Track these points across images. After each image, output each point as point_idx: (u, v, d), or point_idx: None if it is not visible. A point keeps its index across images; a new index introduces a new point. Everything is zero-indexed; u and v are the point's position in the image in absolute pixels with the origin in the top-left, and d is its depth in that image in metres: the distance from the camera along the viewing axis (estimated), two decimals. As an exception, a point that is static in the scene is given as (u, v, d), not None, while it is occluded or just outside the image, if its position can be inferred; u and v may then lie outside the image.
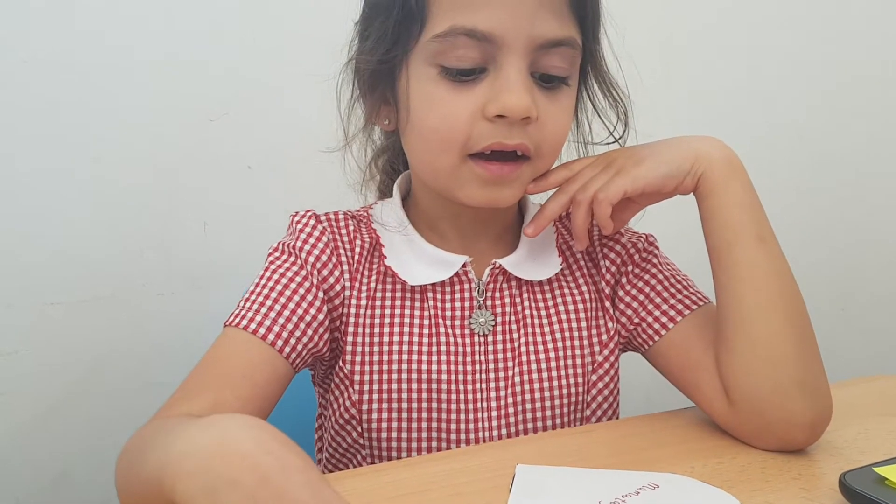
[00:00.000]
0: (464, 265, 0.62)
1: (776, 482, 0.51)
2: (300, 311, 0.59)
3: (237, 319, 0.58)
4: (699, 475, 0.52)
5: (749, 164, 0.61)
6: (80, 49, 0.94)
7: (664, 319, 0.64)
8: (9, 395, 0.95)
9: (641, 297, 0.65)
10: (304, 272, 0.61)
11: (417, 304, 0.62)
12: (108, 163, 0.97)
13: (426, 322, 0.62)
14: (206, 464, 0.34)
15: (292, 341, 0.58)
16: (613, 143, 0.66)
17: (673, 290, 0.65)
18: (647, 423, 0.62)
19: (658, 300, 0.65)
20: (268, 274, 0.61)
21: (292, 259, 0.62)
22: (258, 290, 0.60)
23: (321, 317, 0.60)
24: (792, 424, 0.55)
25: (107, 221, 0.98)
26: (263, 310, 0.58)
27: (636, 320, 0.65)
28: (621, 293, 0.66)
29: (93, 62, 0.95)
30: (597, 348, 0.65)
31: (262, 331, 0.57)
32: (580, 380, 0.64)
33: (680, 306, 0.64)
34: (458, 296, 0.63)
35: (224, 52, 1.02)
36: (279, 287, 0.60)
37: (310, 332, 0.59)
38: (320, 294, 0.61)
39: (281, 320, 0.58)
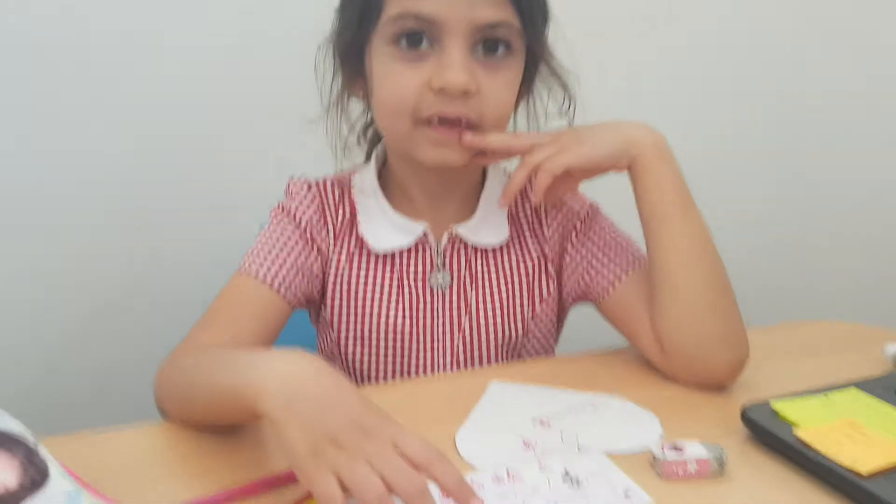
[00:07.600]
0: (424, 232, 0.72)
1: (696, 411, 0.63)
2: (299, 263, 0.71)
3: (248, 267, 0.69)
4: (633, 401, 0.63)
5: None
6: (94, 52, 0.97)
7: (605, 283, 0.73)
8: (14, 405, 0.99)
9: (585, 264, 0.75)
10: (299, 230, 0.73)
11: (388, 265, 0.74)
12: (118, 173, 1.01)
13: (394, 282, 0.74)
14: (284, 384, 0.47)
15: (293, 287, 0.70)
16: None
17: (612, 254, 0.74)
18: (588, 360, 0.73)
19: (599, 265, 0.74)
20: (271, 229, 0.73)
21: (289, 218, 0.74)
22: (263, 241, 0.71)
23: (315, 268, 0.73)
24: (714, 370, 0.67)
25: (116, 231, 1.02)
26: (269, 260, 0.70)
27: (583, 283, 0.75)
28: (567, 259, 0.76)
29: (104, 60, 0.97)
30: (537, 301, 0.76)
31: (269, 278, 0.68)
32: (519, 326, 0.75)
33: (619, 270, 0.73)
34: (419, 258, 0.74)
35: (230, 63, 1.04)
36: (282, 240, 0.71)
37: (306, 280, 0.72)
38: (314, 250, 0.73)
39: (284, 270, 0.70)
